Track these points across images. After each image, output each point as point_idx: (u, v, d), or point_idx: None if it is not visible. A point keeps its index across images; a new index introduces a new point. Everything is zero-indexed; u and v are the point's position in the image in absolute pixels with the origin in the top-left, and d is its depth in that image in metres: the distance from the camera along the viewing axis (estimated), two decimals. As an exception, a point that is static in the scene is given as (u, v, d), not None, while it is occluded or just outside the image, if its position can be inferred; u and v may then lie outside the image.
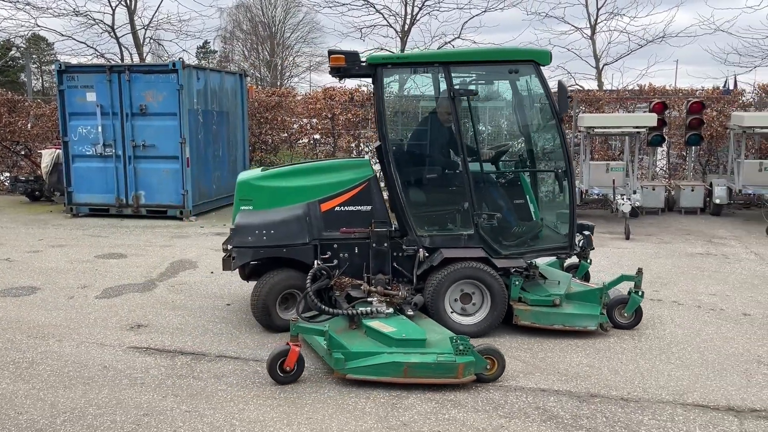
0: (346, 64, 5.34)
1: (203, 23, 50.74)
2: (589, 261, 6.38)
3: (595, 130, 10.87)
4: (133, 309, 6.17)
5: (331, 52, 5.43)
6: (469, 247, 5.43)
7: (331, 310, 4.95)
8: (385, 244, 5.51)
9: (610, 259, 8.17)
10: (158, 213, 11.42)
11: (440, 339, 4.64)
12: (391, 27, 16.56)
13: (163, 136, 11.16)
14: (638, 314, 5.52)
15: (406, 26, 16.24)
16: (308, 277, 5.16)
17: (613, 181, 10.62)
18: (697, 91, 13.85)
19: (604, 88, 15.79)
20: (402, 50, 16.25)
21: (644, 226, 10.38)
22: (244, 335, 5.44)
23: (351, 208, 5.54)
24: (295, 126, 15.01)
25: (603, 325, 5.34)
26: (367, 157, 13.88)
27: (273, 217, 5.46)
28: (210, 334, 5.48)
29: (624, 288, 5.70)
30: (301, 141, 15.20)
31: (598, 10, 16.40)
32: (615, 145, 13.54)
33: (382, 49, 16.87)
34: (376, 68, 5.38)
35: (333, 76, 5.53)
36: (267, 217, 5.47)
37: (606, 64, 16.96)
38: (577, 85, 16.10)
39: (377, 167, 5.92)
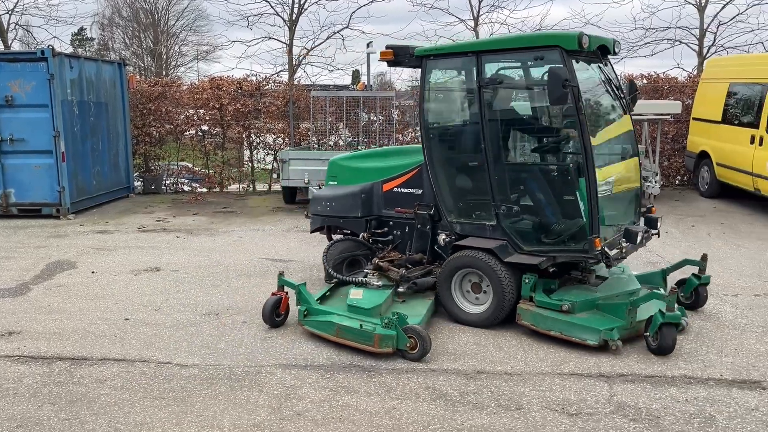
0: (395, 58, 5.65)
1: (75, 8, 47.52)
2: (700, 278, 5.55)
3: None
4: (3, 315, 5.73)
5: (388, 47, 5.69)
6: (494, 238, 5.29)
7: (334, 274, 5.77)
8: (428, 227, 5.80)
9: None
10: (32, 212, 10.64)
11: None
12: (278, 15, 16.28)
13: (33, 129, 10.39)
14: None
15: (294, 15, 16.03)
16: (326, 248, 6.12)
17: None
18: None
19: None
20: (290, 39, 16.05)
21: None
22: (129, 336, 5.21)
23: (406, 190, 5.94)
24: (181, 117, 14.46)
25: (609, 342, 4.65)
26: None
27: (337, 192, 6.34)
28: (91, 337, 5.20)
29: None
30: (188, 132, 14.68)
31: (480, 2, 16.97)
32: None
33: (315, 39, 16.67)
34: (421, 60, 5.55)
35: (390, 66, 5.94)
36: (335, 191, 6.38)
37: (490, 55, 17.57)
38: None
39: None
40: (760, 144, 9.71)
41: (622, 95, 5.54)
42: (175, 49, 36.89)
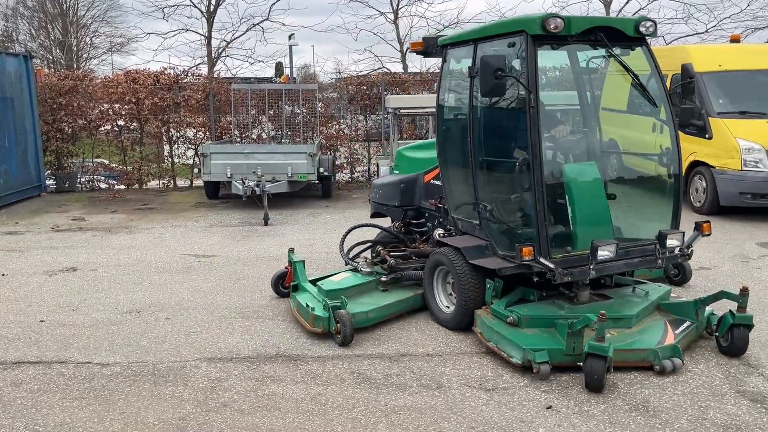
0: (425, 48, 5.62)
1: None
2: (735, 316, 4.43)
3: (401, 110, 11.47)
4: None
5: (423, 38, 5.72)
6: (480, 238, 5.01)
7: (344, 257, 6.10)
8: (445, 220, 5.70)
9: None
10: (-68, 214, 10.04)
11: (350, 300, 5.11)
12: (195, 7, 15.94)
13: (-70, 126, 9.79)
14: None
15: (212, 7, 15.73)
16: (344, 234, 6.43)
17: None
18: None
19: (409, 71, 16.65)
20: (209, 31, 15.73)
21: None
22: (45, 338, 5.06)
23: (439, 182, 5.67)
24: (94, 112, 13.92)
25: (532, 363, 4.11)
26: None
27: (385, 181, 6.56)
28: (4, 340, 5.01)
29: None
30: (103, 128, 14.16)
31: (400, -5, 17.19)
32: (423, 125, 14.40)
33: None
34: (443, 48, 5.46)
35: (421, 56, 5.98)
36: (385, 180, 6.60)
37: (409, 48, 17.87)
38: (384, 68, 16.79)
39: None
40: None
41: (640, 84, 4.80)
42: (87, 41, 35.29)
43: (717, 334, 4.53)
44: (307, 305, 5.07)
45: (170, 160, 14.59)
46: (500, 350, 4.41)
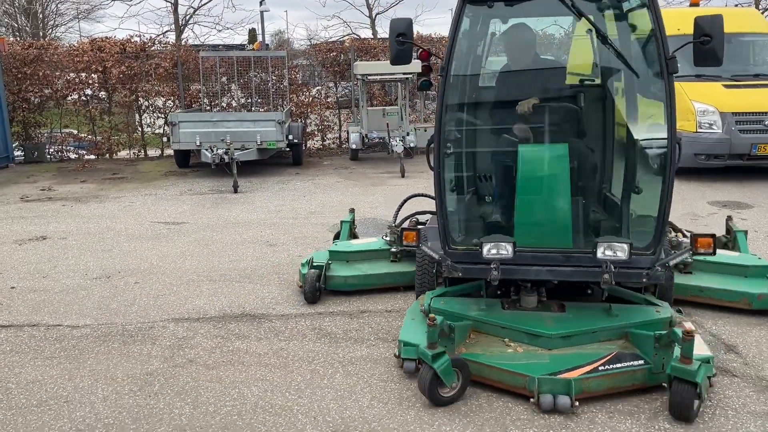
0: None
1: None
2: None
3: (369, 77, 11.55)
4: None
5: None
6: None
7: (391, 224, 5.55)
8: None
9: (386, 195, 8.96)
10: None
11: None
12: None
13: None
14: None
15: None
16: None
17: (387, 124, 11.46)
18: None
19: (378, 37, 16.64)
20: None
21: (417, 164, 11.41)
22: (16, 303, 5.20)
23: None
24: (60, 81, 13.77)
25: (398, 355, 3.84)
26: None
27: None
28: (-25, 306, 5.16)
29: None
30: (70, 97, 14.02)
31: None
32: (392, 91, 14.49)
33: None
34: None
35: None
36: None
37: (379, 13, 17.84)
38: (354, 34, 16.75)
39: None
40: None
41: (615, 49, 3.89)
42: (52, 8, 34.38)
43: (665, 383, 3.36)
44: (305, 261, 5.26)
45: (140, 129, 14.53)
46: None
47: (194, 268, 6.05)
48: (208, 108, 13.77)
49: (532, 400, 3.37)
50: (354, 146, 12.11)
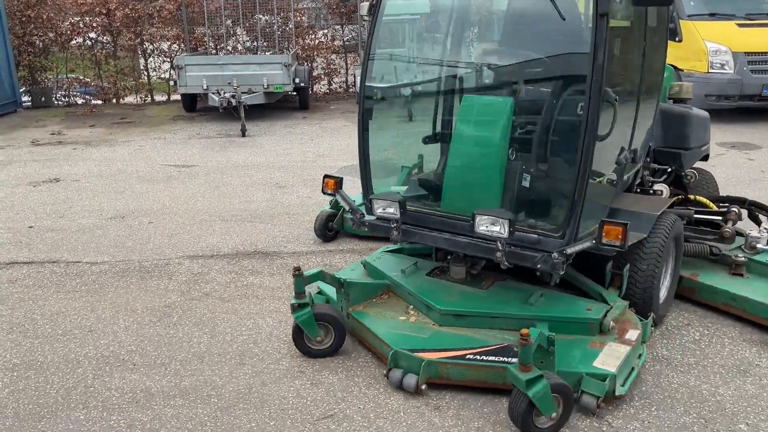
0: None
1: None
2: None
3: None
4: None
5: None
6: None
7: None
8: None
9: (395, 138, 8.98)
10: None
11: None
12: None
13: None
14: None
15: None
16: None
17: (395, 67, 11.32)
18: None
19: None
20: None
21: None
22: (35, 241, 5.34)
23: None
24: (65, 24, 13.63)
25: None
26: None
27: None
28: (-4, 245, 5.31)
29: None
30: (75, 41, 13.90)
31: None
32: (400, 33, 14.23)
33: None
34: None
35: None
36: None
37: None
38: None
39: None
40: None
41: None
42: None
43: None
44: None
45: (146, 74, 14.45)
46: None
47: (206, 208, 6.16)
48: (214, 51, 13.64)
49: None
50: (361, 90, 11.99)
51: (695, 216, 4.15)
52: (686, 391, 3.10)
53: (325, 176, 3.85)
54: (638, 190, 4.19)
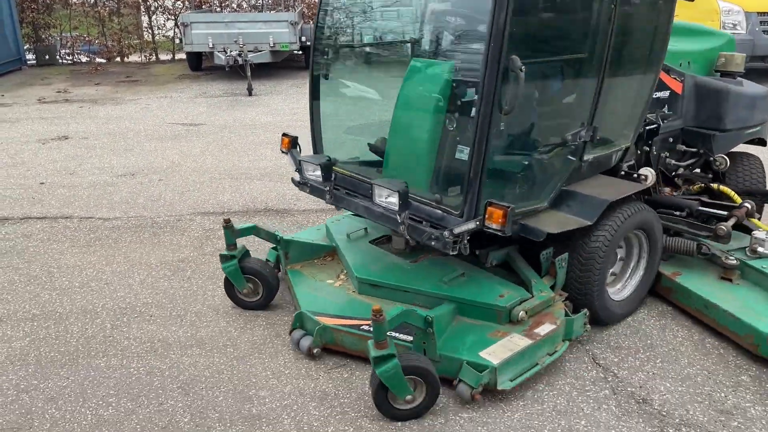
0: None
1: None
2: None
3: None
4: None
5: None
6: None
7: None
8: None
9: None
10: None
11: None
12: None
13: None
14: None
15: None
16: None
17: (403, 25, 11.19)
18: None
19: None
20: None
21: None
22: (47, 197, 5.40)
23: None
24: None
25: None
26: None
27: None
28: (9, 200, 5.36)
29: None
30: (77, -1, 13.76)
31: None
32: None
33: None
34: None
35: None
36: None
37: None
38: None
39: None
40: None
41: None
42: None
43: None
44: None
45: (150, 32, 14.31)
46: None
47: (215, 167, 6.20)
48: (218, 9, 13.49)
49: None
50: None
51: (698, 209, 3.66)
52: (690, 344, 3.18)
53: (283, 135, 3.68)
54: (623, 173, 3.60)
